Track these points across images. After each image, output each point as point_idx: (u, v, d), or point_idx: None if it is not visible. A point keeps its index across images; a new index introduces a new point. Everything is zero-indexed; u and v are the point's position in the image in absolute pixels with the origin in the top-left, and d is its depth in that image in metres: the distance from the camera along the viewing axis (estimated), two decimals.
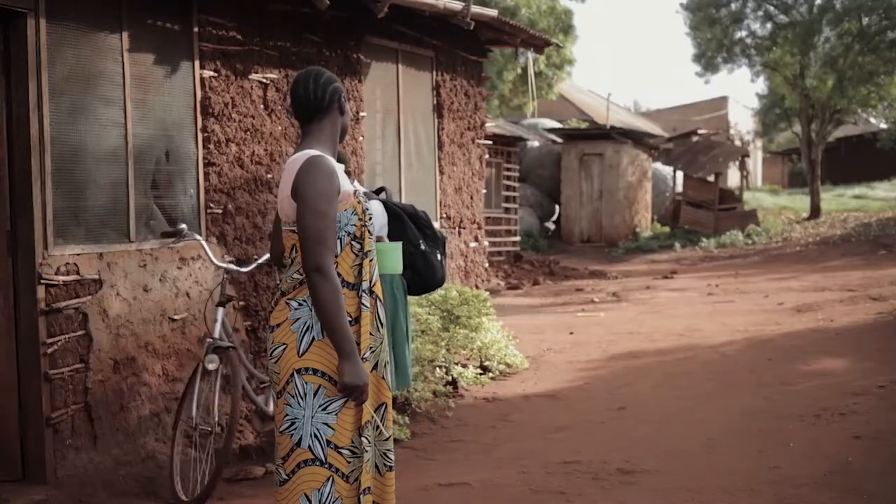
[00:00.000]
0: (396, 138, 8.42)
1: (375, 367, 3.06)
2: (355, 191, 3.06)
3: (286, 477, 2.96)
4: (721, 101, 39.46)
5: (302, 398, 2.93)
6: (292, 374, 2.94)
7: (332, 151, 3.08)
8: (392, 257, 4.01)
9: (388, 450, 3.11)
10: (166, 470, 5.17)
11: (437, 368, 6.95)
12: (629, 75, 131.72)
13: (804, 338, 9.13)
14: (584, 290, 14.73)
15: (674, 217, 23.91)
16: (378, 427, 3.07)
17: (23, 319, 4.75)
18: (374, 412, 3.05)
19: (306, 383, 2.92)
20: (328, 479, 2.92)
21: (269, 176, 6.41)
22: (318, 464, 2.92)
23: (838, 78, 23.61)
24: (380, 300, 3.09)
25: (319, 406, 2.92)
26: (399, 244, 4.30)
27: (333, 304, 2.86)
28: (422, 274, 4.98)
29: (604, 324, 10.78)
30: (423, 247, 4.99)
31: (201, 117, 5.90)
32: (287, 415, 2.95)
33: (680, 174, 24.91)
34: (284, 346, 2.96)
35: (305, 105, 3.06)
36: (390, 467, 3.11)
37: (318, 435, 2.92)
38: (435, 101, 9.04)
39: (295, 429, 2.93)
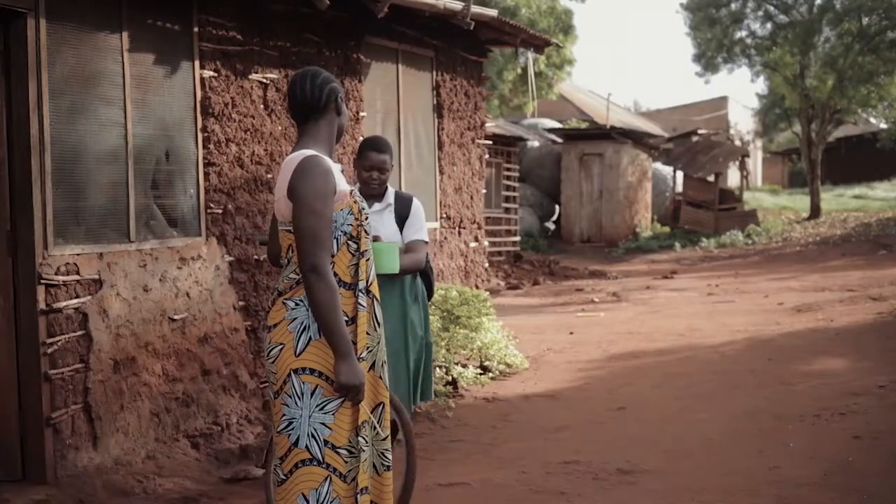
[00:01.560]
0: (396, 138, 8.42)
1: (373, 366, 3.06)
2: (351, 190, 3.06)
3: (284, 477, 2.96)
4: (721, 101, 39.46)
5: (299, 398, 2.93)
6: (289, 374, 2.94)
7: (329, 151, 3.09)
8: (389, 257, 4.01)
9: (386, 449, 3.11)
10: (165, 470, 5.17)
11: (437, 368, 6.96)
12: (629, 75, 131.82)
13: (804, 338, 9.13)
14: (584, 290, 14.73)
15: (674, 217, 23.92)
16: (375, 427, 3.07)
17: (23, 319, 4.75)
18: (372, 412, 3.05)
19: (303, 383, 2.93)
20: (326, 478, 2.92)
21: (269, 176, 6.41)
22: (315, 463, 2.92)
23: (838, 78, 23.63)
24: (376, 300, 3.09)
25: (317, 406, 2.92)
26: (396, 244, 4.30)
27: (329, 304, 2.87)
28: (431, 282, 5.00)
29: (604, 324, 10.78)
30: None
31: (201, 117, 5.90)
32: (284, 415, 2.95)
33: (680, 174, 24.92)
34: (281, 346, 2.96)
35: (302, 105, 3.06)
36: (388, 467, 3.12)
37: (315, 435, 2.92)
38: (435, 101, 9.04)
39: (292, 429, 2.93)
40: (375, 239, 3.23)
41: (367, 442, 2.99)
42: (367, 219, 3.06)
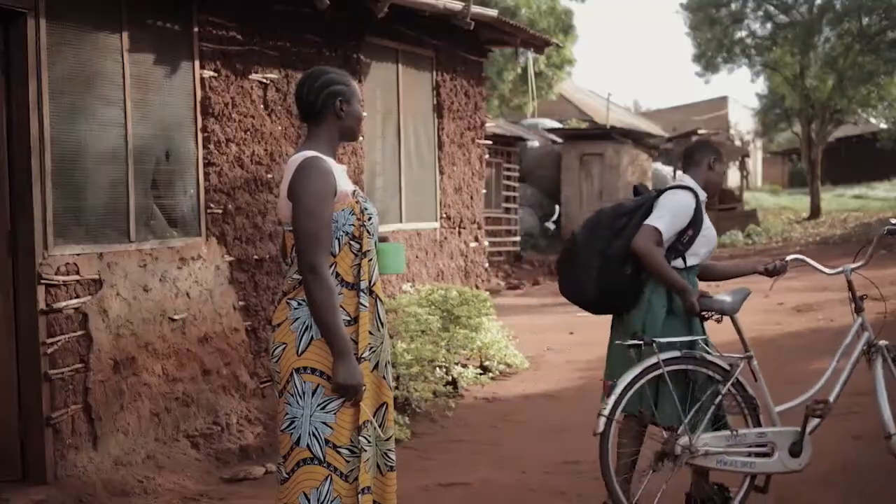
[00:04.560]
0: (396, 138, 8.42)
1: (376, 367, 3.06)
2: (353, 191, 3.06)
3: (286, 475, 2.97)
4: (721, 101, 39.48)
5: (301, 397, 2.93)
6: (292, 374, 2.95)
7: (331, 152, 3.10)
8: (394, 258, 4.00)
9: (390, 449, 3.11)
10: (165, 470, 5.17)
11: (437, 368, 6.96)
12: (629, 75, 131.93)
13: (804, 338, 9.12)
14: None
15: None
16: (377, 427, 3.07)
17: (23, 319, 4.75)
18: (376, 412, 3.05)
19: (305, 382, 2.93)
20: (326, 477, 2.93)
21: (269, 176, 6.41)
22: (316, 462, 2.93)
23: (838, 78, 23.65)
24: (380, 300, 3.10)
25: (318, 405, 2.93)
26: (401, 245, 4.27)
27: (327, 304, 2.87)
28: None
29: (604, 324, 10.77)
30: None
31: (201, 117, 5.90)
32: (287, 413, 2.96)
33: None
34: (284, 346, 2.97)
35: (302, 107, 3.11)
36: (391, 467, 3.12)
37: (316, 434, 2.92)
38: (435, 101, 9.04)
39: (294, 427, 2.94)
40: (382, 239, 3.22)
41: (369, 442, 2.99)
42: (370, 219, 3.06)
